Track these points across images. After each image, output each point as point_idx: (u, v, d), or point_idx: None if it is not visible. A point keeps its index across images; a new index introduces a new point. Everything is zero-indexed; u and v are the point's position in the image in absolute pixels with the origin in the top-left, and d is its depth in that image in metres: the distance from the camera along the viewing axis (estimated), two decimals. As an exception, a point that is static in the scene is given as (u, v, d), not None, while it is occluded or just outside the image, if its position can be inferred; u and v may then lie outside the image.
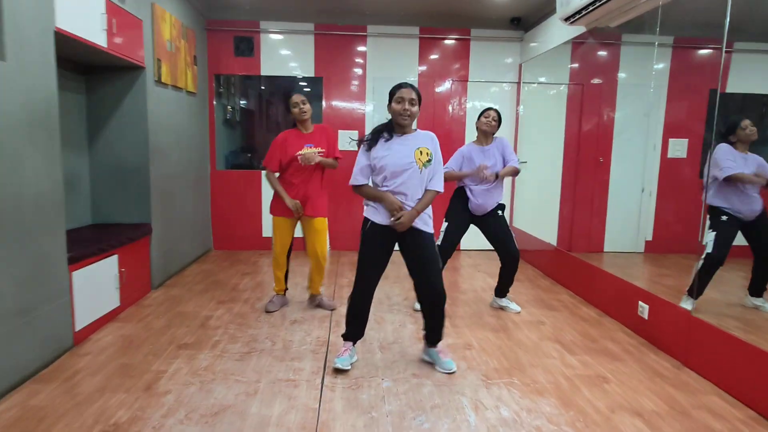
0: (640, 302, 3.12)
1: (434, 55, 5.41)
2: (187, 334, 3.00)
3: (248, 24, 5.22)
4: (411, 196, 2.45)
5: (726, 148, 2.96)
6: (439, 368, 2.58)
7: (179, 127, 4.41)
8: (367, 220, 2.52)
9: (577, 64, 4.87)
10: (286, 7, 5.00)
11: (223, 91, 5.55)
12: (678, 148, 4.32)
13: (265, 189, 5.33)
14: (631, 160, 4.60)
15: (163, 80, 3.95)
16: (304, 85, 5.56)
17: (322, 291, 3.61)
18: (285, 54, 5.31)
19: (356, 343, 2.71)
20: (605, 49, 4.62)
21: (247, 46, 5.24)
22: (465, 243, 4.11)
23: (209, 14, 5.15)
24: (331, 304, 3.54)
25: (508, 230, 3.42)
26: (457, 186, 3.48)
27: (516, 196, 5.52)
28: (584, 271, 3.92)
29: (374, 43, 5.34)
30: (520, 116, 5.45)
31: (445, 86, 5.45)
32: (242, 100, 5.91)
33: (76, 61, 3.46)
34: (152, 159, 3.80)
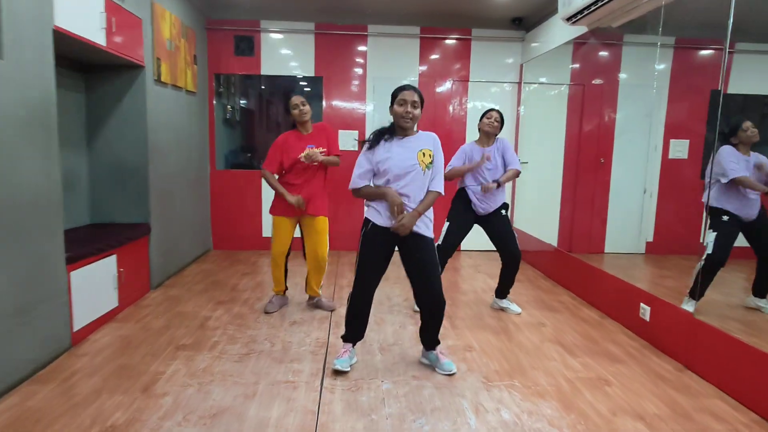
0: (641, 304, 3.11)
1: (435, 55, 5.40)
2: (186, 335, 2.98)
3: (248, 23, 5.20)
4: (414, 198, 2.43)
5: (729, 150, 2.96)
6: (439, 370, 2.56)
7: (179, 126, 4.39)
8: (368, 221, 2.51)
9: (578, 65, 4.86)
10: (287, 7, 4.98)
11: (223, 90, 5.53)
12: (679, 149, 4.31)
13: (265, 189, 5.32)
14: (632, 161, 4.59)
15: (162, 79, 3.93)
16: (304, 84, 5.54)
17: (321, 292, 3.59)
18: (285, 53, 5.29)
19: (356, 345, 2.69)
20: (606, 50, 4.61)
21: (247, 46, 5.23)
22: (465, 244, 4.10)
23: (209, 13, 5.13)
24: (331, 305, 3.52)
25: (511, 230, 3.40)
26: (459, 187, 3.47)
27: (516, 197, 5.50)
28: (585, 273, 3.90)
29: (375, 43, 5.32)
30: (520, 117, 5.43)
31: (445, 86, 5.44)
32: (242, 100, 5.89)
33: (75, 60, 3.44)
34: (151, 158, 3.78)
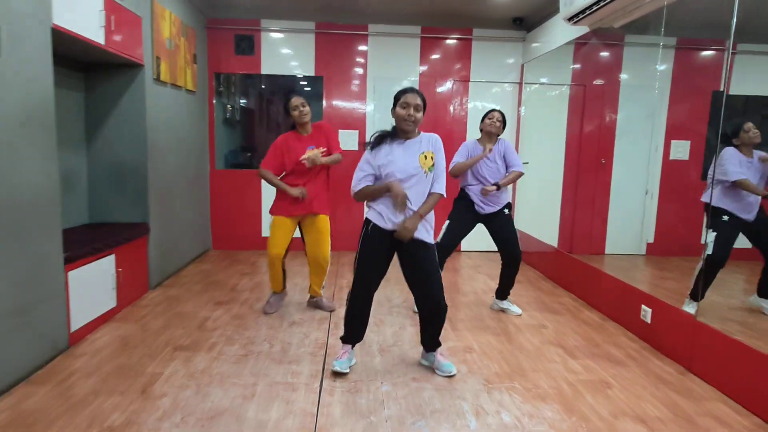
0: (642, 306, 3.09)
1: (435, 55, 5.38)
2: (184, 336, 2.96)
3: (249, 22, 5.18)
4: (416, 201, 2.41)
5: (732, 152, 2.94)
6: (439, 371, 2.55)
7: (178, 125, 4.37)
8: (369, 222, 2.49)
9: (579, 65, 4.84)
10: (287, 6, 4.97)
11: (223, 89, 5.52)
12: (680, 150, 4.29)
13: (265, 189, 5.30)
14: (633, 162, 4.57)
15: (162, 78, 3.91)
16: (304, 84, 5.53)
17: (322, 292, 3.57)
18: (285, 53, 5.28)
19: (355, 346, 2.67)
20: (608, 50, 4.59)
21: (247, 45, 5.21)
22: (466, 244, 4.08)
23: (210, 12, 5.11)
24: (330, 306, 3.50)
25: (514, 230, 3.39)
26: (461, 188, 3.45)
27: (517, 197, 5.48)
28: (586, 274, 3.89)
29: (375, 43, 5.30)
30: (521, 117, 5.42)
31: (446, 86, 5.42)
32: (242, 99, 5.88)
33: (74, 59, 3.43)
34: (150, 158, 3.77)
